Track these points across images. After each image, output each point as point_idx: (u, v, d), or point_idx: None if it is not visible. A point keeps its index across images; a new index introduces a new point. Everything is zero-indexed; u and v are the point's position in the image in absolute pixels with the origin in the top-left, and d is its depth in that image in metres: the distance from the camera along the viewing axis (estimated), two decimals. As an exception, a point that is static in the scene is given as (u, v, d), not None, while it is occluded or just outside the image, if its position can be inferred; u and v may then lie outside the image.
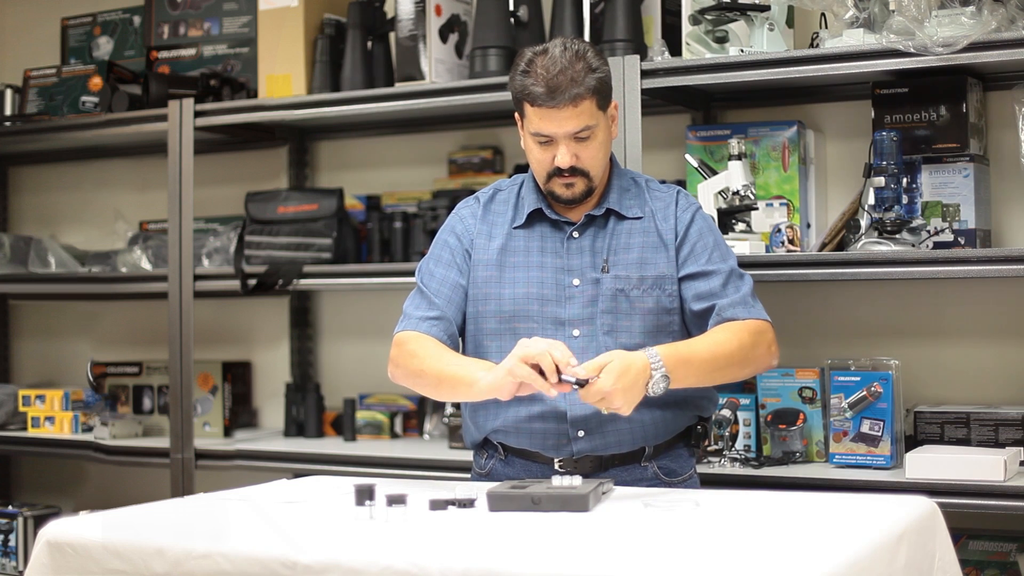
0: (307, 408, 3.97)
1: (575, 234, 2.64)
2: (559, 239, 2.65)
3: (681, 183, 3.43)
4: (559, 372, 2.32)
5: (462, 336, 2.70)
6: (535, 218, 2.67)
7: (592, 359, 2.37)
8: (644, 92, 3.17)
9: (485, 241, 2.68)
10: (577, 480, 2.27)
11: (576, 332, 2.59)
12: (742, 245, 3.09)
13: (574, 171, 2.57)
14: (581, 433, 2.57)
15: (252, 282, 3.77)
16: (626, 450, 2.60)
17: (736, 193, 3.15)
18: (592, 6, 3.47)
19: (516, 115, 2.66)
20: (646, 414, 2.56)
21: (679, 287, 2.62)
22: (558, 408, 2.56)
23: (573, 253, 2.63)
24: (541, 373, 2.32)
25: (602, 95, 2.56)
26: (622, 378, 2.33)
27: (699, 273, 2.61)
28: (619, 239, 2.64)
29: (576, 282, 2.61)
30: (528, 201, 2.68)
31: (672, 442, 2.66)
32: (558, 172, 2.58)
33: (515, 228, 2.67)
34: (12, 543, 4.12)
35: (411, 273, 3.54)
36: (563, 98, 2.50)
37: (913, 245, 3.01)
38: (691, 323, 2.64)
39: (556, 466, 2.60)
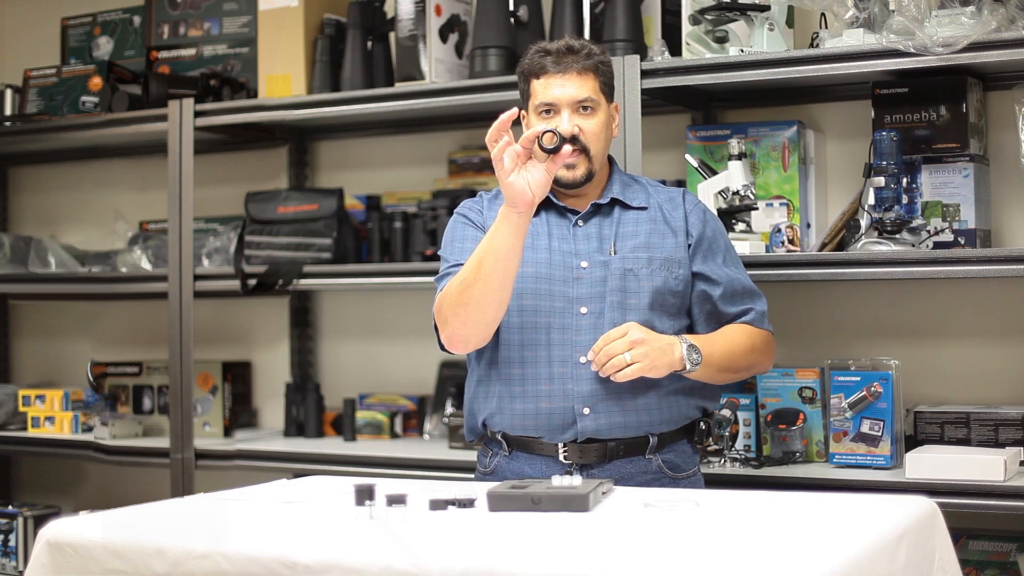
0: (307, 408, 3.96)
1: (580, 222, 2.70)
2: (566, 227, 2.71)
3: (681, 183, 3.43)
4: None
5: None
6: (541, 208, 2.71)
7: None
8: (644, 92, 3.17)
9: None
10: (577, 480, 2.27)
11: (584, 309, 2.63)
12: (742, 245, 3.10)
13: (575, 140, 2.60)
14: (586, 411, 2.59)
15: (252, 282, 3.77)
16: (630, 435, 2.62)
17: (736, 193, 3.15)
18: (592, 6, 3.47)
19: (520, 112, 2.67)
20: (652, 397, 2.62)
21: (693, 281, 2.70)
22: (566, 386, 2.60)
23: (580, 240, 2.69)
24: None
25: (605, 81, 2.69)
26: (649, 340, 2.51)
27: (715, 280, 2.70)
28: (625, 227, 2.70)
29: (584, 264, 2.66)
30: None
31: (676, 436, 2.69)
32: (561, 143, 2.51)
33: None
34: (12, 543, 4.12)
35: (411, 273, 3.56)
36: (570, 68, 2.64)
37: (913, 245, 3.01)
38: (699, 322, 2.73)
39: (560, 456, 2.61)
